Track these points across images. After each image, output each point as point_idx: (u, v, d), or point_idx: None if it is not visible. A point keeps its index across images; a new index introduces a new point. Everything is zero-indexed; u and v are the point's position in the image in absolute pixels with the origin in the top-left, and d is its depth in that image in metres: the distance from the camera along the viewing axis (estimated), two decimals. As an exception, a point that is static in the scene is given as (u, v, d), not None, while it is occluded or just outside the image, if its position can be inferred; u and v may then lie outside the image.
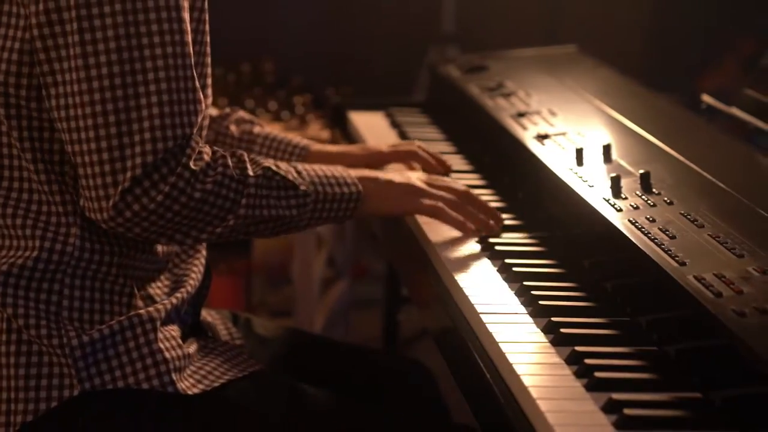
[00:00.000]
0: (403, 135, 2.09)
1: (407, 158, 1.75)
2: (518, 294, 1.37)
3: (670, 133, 1.73)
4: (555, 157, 1.65)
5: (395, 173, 1.55)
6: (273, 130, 1.77)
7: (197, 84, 1.33)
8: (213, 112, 1.75)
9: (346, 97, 2.62)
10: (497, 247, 1.49)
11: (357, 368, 1.67)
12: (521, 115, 1.89)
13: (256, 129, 1.74)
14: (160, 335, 1.36)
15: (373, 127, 2.16)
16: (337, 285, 2.90)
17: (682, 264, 1.24)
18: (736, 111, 1.81)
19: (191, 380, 1.38)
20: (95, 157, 1.28)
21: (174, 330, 1.40)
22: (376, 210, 1.51)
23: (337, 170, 1.48)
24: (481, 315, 1.30)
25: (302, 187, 1.41)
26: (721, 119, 1.92)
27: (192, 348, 1.42)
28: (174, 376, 1.35)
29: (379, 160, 1.74)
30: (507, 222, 1.61)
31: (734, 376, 1.11)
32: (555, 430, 1.05)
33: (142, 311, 1.36)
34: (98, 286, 1.36)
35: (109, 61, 1.27)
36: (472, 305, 1.33)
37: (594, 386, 1.13)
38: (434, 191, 1.53)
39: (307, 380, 1.60)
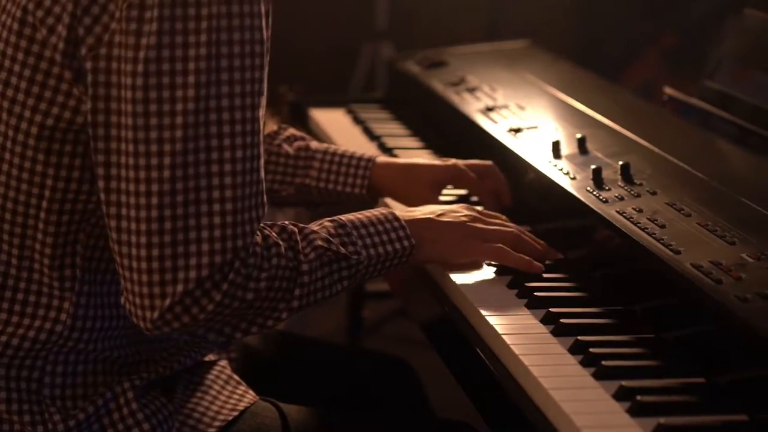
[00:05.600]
0: (367, 131, 2.10)
1: (484, 175, 1.64)
2: (511, 286, 1.38)
3: (640, 124, 1.77)
4: (532, 151, 1.68)
5: (446, 212, 1.42)
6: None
7: (263, 184, 1.22)
8: None
9: (301, 95, 2.61)
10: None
11: (342, 370, 1.67)
12: (490, 109, 1.91)
13: (314, 144, 1.65)
14: (144, 399, 1.30)
15: (336, 125, 2.17)
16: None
17: (677, 252, 1.27)
18: (697, 102, 1.85)
19: None
20: (144, 264, 1.15)
21: (157, 385, 1.34)
22: (429, 257, 1.40)
23: (389, 220, 1.35)
24: (479, 309, 1.31)
25: (354, 257, 1.30)
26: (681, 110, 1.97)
27: (179, 384, 1.36)
28: None
29: (455, 176, 1.64)
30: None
31: (736, 360, 1.14)
32: (572, 419, 1.07)
33: (125, 382, 1.29)
34: (82, 359, 1.28)
35: (172, 164, 1.14)
36: (468, 300, 1.34)
37: (602, 375, 1.15)
38: (491, 229, 1.42)
39: (293, 385, 1.60)
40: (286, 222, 1.28)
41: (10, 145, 1.23)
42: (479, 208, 1.49)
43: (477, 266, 1.43)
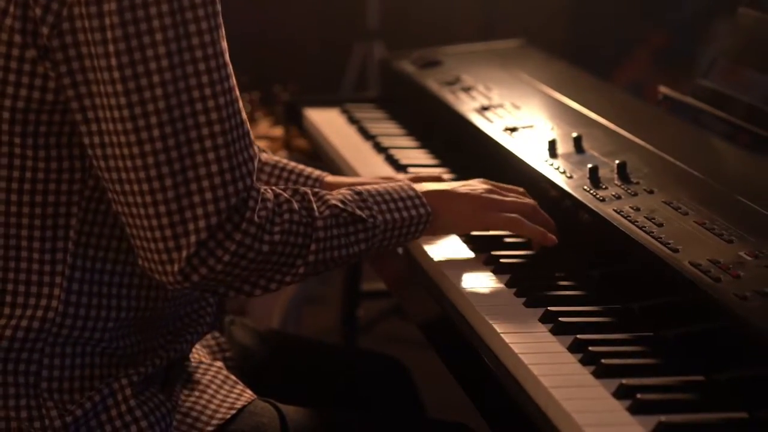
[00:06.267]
0: (362, 131, 2.10)
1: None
2: (510, 285, 1.38)
3: (635, 123, 1.77)
4: (528, 150, 1.68)
5: (462, 185, 1.47)
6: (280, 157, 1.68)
7: (248, 127, 1.24)
8: None
9: (295, 94, 2.62)
10: (480, 240, 1.51)
11: (336, 370, 1.67)
12: (485, 108, 1.91)
13: (264, 156, 1.64)
14: (142, 397, 1.30)
15: (331, 124, 2.17)
16: (289, 282, 2.90)
17: (675, 251, 1.28)
18: (692, 101, 1.85)
19: None
20: (155, 221, 1.19)
21: (155, 382, 1.33)
22: (447, 227, 1.43)
23: (404, 189, 1.39)
24: (477, 308, 1.31)
25: (370, 220, 1.33)
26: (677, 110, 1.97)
27: (176, 384, 1.36)
28: None
29: None
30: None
31: (735, 358, 1.14)
32: (573, 417, 1.07)
33: (123, 378, 1.29)
34: (79, 351, 1.28)
35: (160, 122, 1.17)
36: (467, 299, 1.34)
37: (602, 373, 1.15)
38: (508, 200, 1.45)
39: (289, 386, 1.60)
40: (299, 186, 1.31)
41: None
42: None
43: (474, 265, 1.44)
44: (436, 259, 1.45)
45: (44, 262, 1.25)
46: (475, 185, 1.47)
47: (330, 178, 1.64)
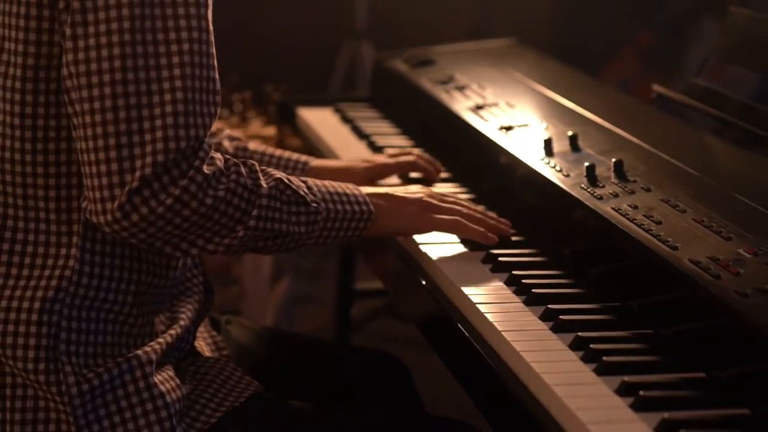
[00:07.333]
0: (356, 130, 2.10)
1: (409, 168, 1.75)
2: (508, 283, 1.39)
3: (630, 121, 1.78)
4: (524, 149, 1.68)
5: (402, 190, 1.51)
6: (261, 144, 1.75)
7: (218, 85, 1.26)
8: None
9: (287, 94, 2.61)
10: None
11: (335, 367, 1.67)
12: (480, 107, 1.91)
13: (251, 144, 1.71)
14: (158, 377, 1.32)
15: (324, 124, 2.17)
16: (282, 282, 2.91)
17: (674, 248, 1.28)
18: (686, 99, 1.86)
19: (187, 419, 1.34)
20: (102, 155, 1.21)
21: (170, 368, 1.35)
22: (388, 228, 1.47)
23: (348, 187, 1.44)
24: (477, 306, 1.32)
25: (313, 204, 1.37)
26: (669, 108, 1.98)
27: (185, 377, 1.38)
28: (174, 421, 1.30)
29: (382, 172, 1.73)
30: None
31: (735, 355, 1.15)
32: (577, 414, 1.07)
33: (140, 352, 1.31)
34: (93, 317, 1.29)
35: (122, 54, 1.20)
36: (466, 297, 1.34)
37: (603, 370, 1.16)
38: (447, 206, 1.49)
39: (287, 382, 1.61)
40: (247, 159, 1.35)
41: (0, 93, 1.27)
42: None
43: (472, 263, 1.44)
44: (434, 257, 1.46)
45: (61, 222, 1.28)
46: (416, 191, 1.51)
47: (316, 162, 1.72)
